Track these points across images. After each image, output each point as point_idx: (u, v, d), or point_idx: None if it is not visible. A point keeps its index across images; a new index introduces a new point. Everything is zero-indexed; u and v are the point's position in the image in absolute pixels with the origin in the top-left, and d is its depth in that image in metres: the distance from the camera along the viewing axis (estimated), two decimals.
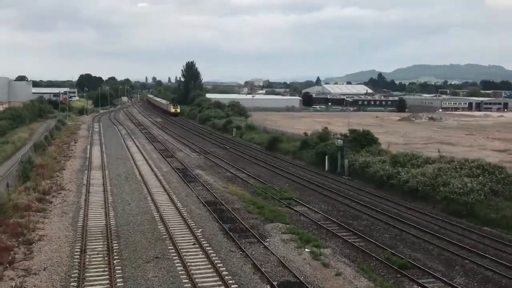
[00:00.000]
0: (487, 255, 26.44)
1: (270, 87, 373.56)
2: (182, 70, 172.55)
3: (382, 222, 32.58)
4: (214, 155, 61.25)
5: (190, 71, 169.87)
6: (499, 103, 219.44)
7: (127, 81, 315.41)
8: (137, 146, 68.86)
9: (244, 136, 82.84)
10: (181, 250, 25.37)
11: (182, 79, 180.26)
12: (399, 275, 23.55)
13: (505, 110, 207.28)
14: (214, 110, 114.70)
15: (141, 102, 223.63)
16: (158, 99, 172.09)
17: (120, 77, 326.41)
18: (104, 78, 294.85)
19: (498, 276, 23.77)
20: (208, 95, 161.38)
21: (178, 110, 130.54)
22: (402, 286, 22.45)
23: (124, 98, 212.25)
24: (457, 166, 41.03)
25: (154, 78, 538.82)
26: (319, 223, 31.89)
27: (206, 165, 53.95)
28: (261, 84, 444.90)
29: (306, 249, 26.42)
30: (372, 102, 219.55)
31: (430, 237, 29.51)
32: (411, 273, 23.68)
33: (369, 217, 33.94)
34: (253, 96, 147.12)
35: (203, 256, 24.87)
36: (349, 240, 28.37)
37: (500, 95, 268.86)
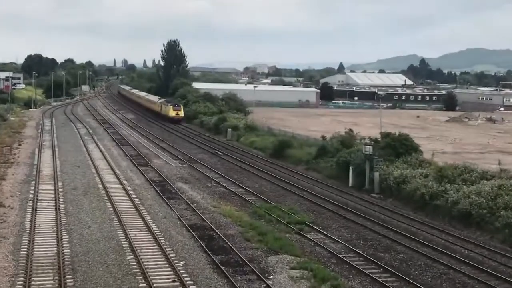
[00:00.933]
0: None
1: (277, 75, 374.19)
2: (161, 52, 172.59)
3: (424, 256, 32.50)
4: (202, 164, 61.29)
5: (172, 53, 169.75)
6: None
7: (89, 64, 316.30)
8: (100, 150, 68.96)
9: (242, 139, 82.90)
10: None
11: (162, 63, 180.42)
12: None
13: None
14: (203, 104, 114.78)
15: (108, 92, 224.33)
16: (143, 94, 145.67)
17: (80, 59, 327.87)
18: (59, 60, 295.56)
19: None
20: (196, 85, 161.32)
21: (182, 114, 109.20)
22: None
23: (85, 87, 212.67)
24: None
25: (125, 62, 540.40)
26: (340, 255, 31.83)
27: (191, 177, 53.98)
28: (266, 71, 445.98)
29: None
30: (412, 97, 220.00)
31: (487, 277, 29.43)
32: None
33: (406, 249, 33.86)
34: (255, 87, 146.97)
35: None
36: (379, 279, 28.31)
37: None
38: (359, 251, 32.74)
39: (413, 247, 33.96)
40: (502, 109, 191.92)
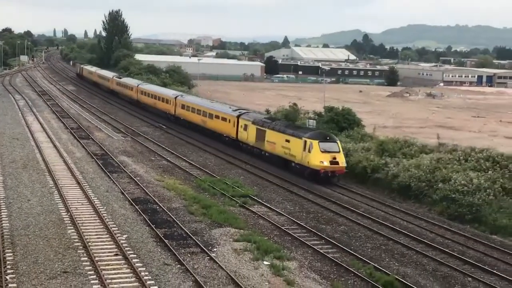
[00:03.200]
0: (495, 272, 27.52)
1: (222, 48, 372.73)
2: (103, 22, 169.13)
3: (364, 228, 33.29)
4: (145, 137, 60.71)
5: (115, 23, 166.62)
6: None
7: (27, 34, 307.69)
8: (40, 122, 67.38)
9: None
10: (99, 263, 25.11)
11: (104, 34, 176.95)
12: None
13: None
14: (146, 76, 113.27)
15: (48, 64, 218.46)
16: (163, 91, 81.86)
17: (18, 29, 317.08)
18: None
19: None
20: (139, 57, 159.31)
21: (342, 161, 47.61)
22: None
23: (24, 58, 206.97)
24: (461, 157, 42.26)
25: (65, 32, 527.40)
26: (283, 228, 32.26)
27: (134, 151, 53.46)
28: (211, 44, 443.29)
29: (265, 262, 26.73)
30: (355, 72, 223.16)
31: (425, 248, 30.41)
32: None
33: (347, 221, 34.59)
34: (199, 59, 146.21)
35: (128, 270, 24.71)
36: (320, 251, 28.86)
37: None
38: (301, 223, 33.25)
39: (354, 219, 34.72)
40: (441, 84, 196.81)
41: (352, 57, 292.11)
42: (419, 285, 25.40)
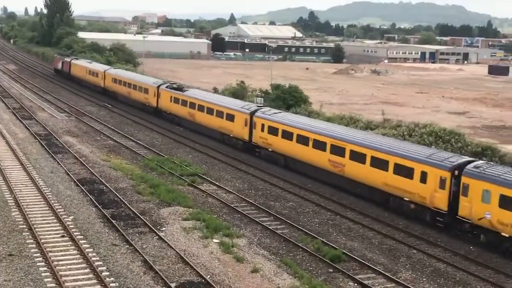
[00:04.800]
0: (439, 243, 28.35)
1: (168, 25, 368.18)
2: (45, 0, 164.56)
3: (312, 204, 33.74)
4: (90, 117, 59.72)
5: (56, 0, 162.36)
6: (458, 53, 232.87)
7: None
8: None
9: None
10: (45, 245, 24.76)
11: (45, 11, 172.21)
12: (331, 270, 24.68)
13: (465, 62, 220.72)
14: (90, 55, 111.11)
15: None
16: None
17: None
18: None
19: (452, 268, 25.61)
20: (82, 34, 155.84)
21: None
22: (335, 283, 23.54)
23: None
24: (405, 133, 43.20)
25: (4, 9, 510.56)
26: (232, 205, 32.40)
27: (79, 130, 52.55)
28: (156, 22, 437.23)
29: (215, 240, 26.84)
30: (302, 50, 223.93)
31: (370, 222, 31.05)
32: (346, 267, 24.89)
33: (295, 197, 34.97)
34: (144, 37, 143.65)
35: (75, 252, 24.46)
36: (269, 227, 29.14)
37: (459, 43, 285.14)
38: (250, 201, 33.45)
39: (302, 196, 35.12)
40: (386, 61, 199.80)
41: (299, 34, 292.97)
42: (366, 258, 25.95)
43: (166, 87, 58.47)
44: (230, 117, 46.59)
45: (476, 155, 37.39)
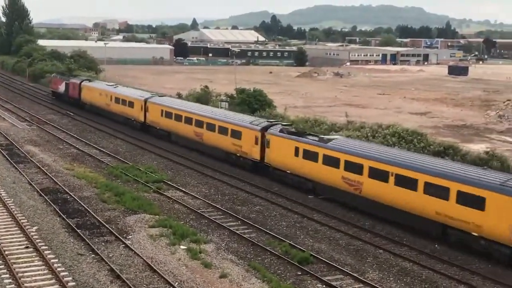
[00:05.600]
0: (404, 243, 28.68)
1: (129, 31, 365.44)
2: (2, 7, 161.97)
3: (279, 207, 33.80)
4: (52, 125, 58.85)
5: (15, 8, 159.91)
6: (418, 55, 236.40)
7: None
8: None
9: None
10: (9, 257, 24.30)
11: (3, 20, 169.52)
12: (299, 272, 24.74)
13: (425, 63, 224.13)
14: (51, 62, 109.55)
15: None
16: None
17: None
18: None
19: (418, 267, 25.93)
20: (42, 42, 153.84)
21: None
22: (304, 286, 23.61)
23: None
24: (369, 134, 43.66)
25: None
26: (199, 211, 32.26)
27: (41, 139, 51.74)
28: (117, 27, 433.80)
29: (182, 246, 26.69)
30: (265, 53, 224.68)
31: (337, 223, 31.24)
32: (314, 269, 24.98)
33: (262, 200, 34.99)
34: (105, 43, 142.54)
35: (40, 263, 24.04)
36: (237, 232, 29.10)
37: (419, 44, 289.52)
38: (217, 206, 33.35)
39: (269, 199, 35.17)
40: (348, 64, 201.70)
41: (261, 38, 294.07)
42: (333, 260, 26.10)
43: (280, 131, 39.08)
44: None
45: (438, 154, 37.97)
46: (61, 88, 77.09)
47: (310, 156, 35.62)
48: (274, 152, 38.59)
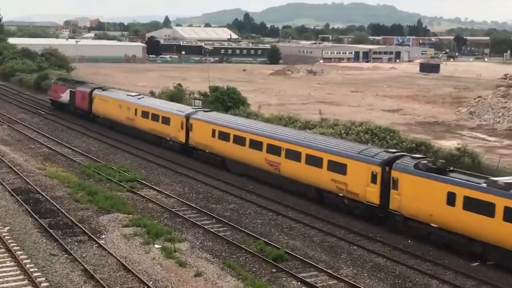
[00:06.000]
0: (378, 239, 28.94)
1: (101, 29, 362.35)
2: None
3: (253, 205, 33.84)
4: (23, 125, 58.12)
5: None
6: (391, 52, 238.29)
7: None
8: None
9: None
10: None
11: None
12: (274, 270, 24.81)
13: (397, 60, 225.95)
14: (21, 61, 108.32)
15: None
16: None
17: None
18: None
19: (391, 263, 26.19)
20: (12, 40, 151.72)
21: None
22: (279, 283, 23.69)
23: None
24: (342, 131, 43.87)
25: None
26: (173, 210, 32.15)
27: (12, 139, 51.07)
28: (88, 25, 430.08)
29: (156, 245, 26.58)
30: (238, 51, 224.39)
31: (312, 220, 31.39)
32: (289, 266, 25.08)
33: (236, 199, 35.00)
34: (77, 41, 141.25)
35: (12, 264, 23.75)
36: (211, 230, 29.07)
37: (391, 42, 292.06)
38: (191, 204, 33.28)
39: (243, 197, 35.19)
40: (321, 61, 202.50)
41: (234, 36, 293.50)
42: (308, 257, 26.23)
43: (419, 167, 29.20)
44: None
45: (411, 150, 38.34)
46: (64, 97, 65.05)
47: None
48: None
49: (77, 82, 67.70)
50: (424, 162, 29.59)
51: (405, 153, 32.43)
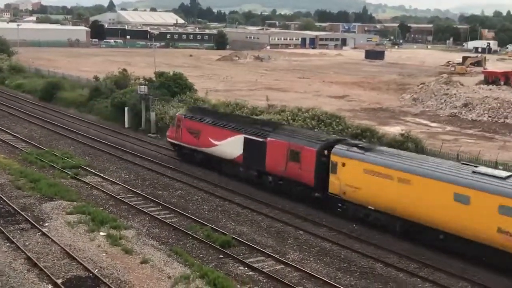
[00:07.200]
0: (324, 223, 29.35)
1: (43, 12, 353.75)
2: None
3: (201, 191, 33.80)
4: None
5: None
6: (337, 39, 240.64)
7: None
8: None
9: (7, 81, 78.05)
10: None
11: None
12: (221, 256, 24.89)
13: (343, 47, 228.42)
14: None
15: None
16: None
17: None
18: None
19: (337, 247, 26.59)
20: None
21: None
22: (226, 268, 23.78)
23: None
24: (289, 117, 44.14)
25: None
26: (118, 197, 31.83)
27: None
28: (30, 8, 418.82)
29: (101, 233, 26.28)
30: (185, 36, 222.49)
31: (259, 206, 31.57)
32: (236, 252, 25.20)
33: (184, 185, 34.88)
34: (18, 25, 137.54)
35: None
36: (158, 217, 28.91)
37: (337, 28, 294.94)
38: (137, 191, 33.00)
39: (190, 183, 35.09)
40: (268, 47, 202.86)
41: (181, 21, 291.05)
42: (255, 242, 26.39)
43: None
44: None
45: (356, 136, 38.91)
46: (224, 146, 36.43)
47: None
48: None
49: (263, 123, 37.05)
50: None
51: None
